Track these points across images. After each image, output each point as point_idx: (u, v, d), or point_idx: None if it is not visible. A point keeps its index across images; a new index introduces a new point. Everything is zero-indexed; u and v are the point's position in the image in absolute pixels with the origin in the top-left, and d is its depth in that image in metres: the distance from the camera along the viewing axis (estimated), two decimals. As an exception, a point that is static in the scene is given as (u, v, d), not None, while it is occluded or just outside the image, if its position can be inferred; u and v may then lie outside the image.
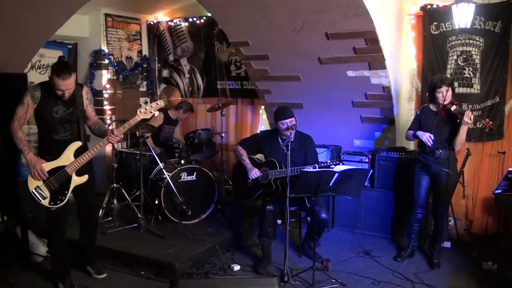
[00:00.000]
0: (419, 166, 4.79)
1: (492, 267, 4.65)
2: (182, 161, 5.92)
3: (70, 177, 3.93)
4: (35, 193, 3.85)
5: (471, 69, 5.38)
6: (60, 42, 6.76)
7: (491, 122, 4.42)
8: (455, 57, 5.45)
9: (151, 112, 3.99)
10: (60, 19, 5.04)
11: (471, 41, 5.33)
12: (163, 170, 5.58)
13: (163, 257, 4.56)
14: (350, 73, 5.43)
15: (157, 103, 4.01)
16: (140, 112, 3.96)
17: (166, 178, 5.50)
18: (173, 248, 4.79)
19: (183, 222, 5.47)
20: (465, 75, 5.42)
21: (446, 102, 4.49)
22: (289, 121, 4.71)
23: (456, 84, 5.43)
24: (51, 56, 6.56)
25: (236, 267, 4.68)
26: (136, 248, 4.75)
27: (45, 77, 6.46)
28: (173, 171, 5.62)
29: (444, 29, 5.45)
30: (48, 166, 3.87)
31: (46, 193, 3.87)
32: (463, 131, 4.46)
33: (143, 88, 7.79)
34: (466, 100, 5.41)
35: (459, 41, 5.40)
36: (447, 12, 5.33)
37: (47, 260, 4.73)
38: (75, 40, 7.02)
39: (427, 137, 4.55)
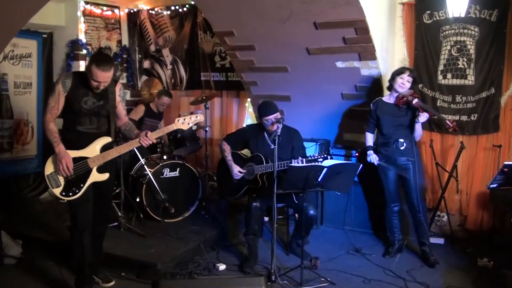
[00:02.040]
0: (383, 161, 4.90)
1: (488, 263, 4.73)
2: (165, 157, 5.94)
3: (90, 170, 3.90)
4: (49, 178, 3.83)
5: (465, 60, 5.43)
6: (35, 31, 6.72)
7: (455, 123, 4.60)
8: (448, 47, 5.51)
9: (188, 124, 4.03)
10: (34, 6, 5.00)
11: (465, 31, 5.38)
12: (145, 166, 5.60)
13: (145, 257, 4.58)
14: (339, 64, 5.48)
15: (196, 117, 4.05)
16: (177, 121, 4.01)
17: (148, 174, 5.53)
18: (155, 248, 4.81)
19: (165, 220, 5.52)
20: (459, 66, 5.47)
21: (402, 90, 4.74)
22: (273, 117, 4.77)
23: (449, 75, 5.51)
24: (24, 46, 6.52)
25: (222, 267, 4.71)
26: (116, 248, 4.75)
27: (19, 68, 6.47)
28: (155, 167, 5.65)
29: (438, 18, 5.50)
30: (71, 154, 3.84)
31: (61, 181, 3.84)
32: (418, 127, 4.69)
33: (123, 80, 7.78)
34: (460, 92, 5.48)
35: (453, 31, 5.45)
36: (440, 1, 5.39)
37: (21, 262, 4.74)
38: (50, 29, 6.98)
39: (370, 158, 4.91)
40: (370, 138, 5.06)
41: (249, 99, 6.88)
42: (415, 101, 4.63)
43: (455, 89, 5.52)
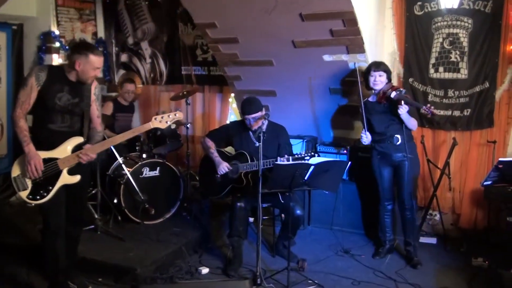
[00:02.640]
0: (378, 158, 4.98)
1: (483, 263, 4.81)
2: (144, 155, 5.95)
3: (60, 172, 3.86)
4: (16, 181, 3.79)
5: (458, 53, 5.51)
6: (4, 23, 6.68)
7: (432, 107, 4.64)
8: (440, 40, 5.58)
9: (167, 122, 4.00)
10: (3, -4, 5.01)
11: (458, 23, 5.45)
12: (123, 165, 5.61)
13: (123, 261, 4.59)
14: (326, 58, 5.52)
15: (175, 115, 4.01)
16: (154, 119, 3.99)
17: (126, 174, 5.53)
18: (134, 251, 4.82)
19: (145, 222, 5.52)
20: (451, 59, 5.55)
21: (380, 87, 4.82)
22: (251, 117, 4.85)
23: (441, 69, 5.59)
24: (-7, 38, 6.52)
25: (205, 270, 4.74)
26: (92, 252, 4.74)
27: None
28: (134, 166, 5.65)
29: (429, 10, 5.57)
30: (40, 154, 3.79)
31: (28, 184, 3.80)
32: (405, 118, 4.71)
33: (99, 75, 7.74)
34: (452, 86, 5.55)
35: (445, 23, 5.52)
36: (432, -9, 5.47)
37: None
38: (20, 20, 6.94)
39: (361, 136, 4.93)
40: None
41: (232, 94, 6.91)
42: (393, 94, 4.68)
43: (447, 83, 5.60)
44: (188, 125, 6.26)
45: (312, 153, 4.52)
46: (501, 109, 5.46)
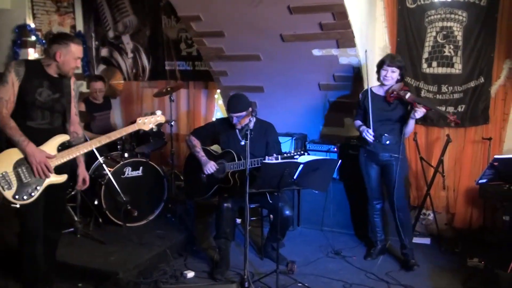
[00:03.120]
0: (365, 156, 5.01)
1: (479, 263, 4.86)
2: (126, 154, 5.93)
3: None
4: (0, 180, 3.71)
5: (452, 47, 5.55)
6: (-24, 16, 6.66)
7: (455, 116, 4.67)
8: (434, 33, 5.62)
9: (150, 124, 4.06)
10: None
11: (452, 16, 5.49)
12: (103, 165, 5.59)
13: (105, 266, 4.58)
14: (316, 52, 5.54)
15: (157, 118, 4.08)
16: (139, 121, 4.03)
17: (107, 174, 5.52)
18: (116, 255, 4.81)
19: (127, 225, 5.50)
20: (445, 54, 5.59)
21: (389, 83, 4.78)
22: (235, 116, 4.87)
23: (434, 63, 5.63)
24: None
25: (190, 274, 4.75)
26: (72, 257, 4.73)
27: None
28: (115, 166, 5.64)
29: (422, 2, 5.61)
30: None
31: (13, 183, 3.71)
32: (412, 122, 4.73)
33: (78, 70, 7.72)
34: (446, 81, 5.60)
35: (438, 16, 5.56)
36: (425, -17, 5.51)
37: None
38: (-6, 13, 6.92)
39: (365, 134, 4.85)
40: (359, 122, 5.07)
41: (218, 91, 6.92)
42: (407, 95, 4.65)
43: (440, 78, 5.64)
44: (172, 123, 6.25)
45: (302, 151, 4.55)
46: (497, 105, 5.50)
